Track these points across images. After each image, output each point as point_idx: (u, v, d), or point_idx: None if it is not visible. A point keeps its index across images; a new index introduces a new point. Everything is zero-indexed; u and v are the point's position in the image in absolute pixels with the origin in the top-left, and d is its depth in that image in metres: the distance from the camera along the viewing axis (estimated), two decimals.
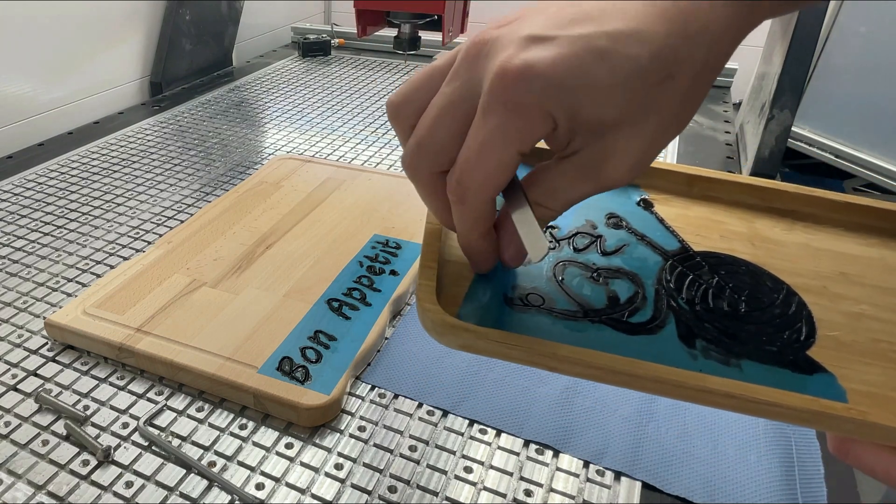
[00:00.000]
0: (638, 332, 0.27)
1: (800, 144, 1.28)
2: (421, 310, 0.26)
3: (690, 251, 0.31)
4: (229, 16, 1.18)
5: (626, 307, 0.28)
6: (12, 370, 0.47)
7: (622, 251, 0.31)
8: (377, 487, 0.39)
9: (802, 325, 0.27)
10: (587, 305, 0.28)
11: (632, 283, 0.29)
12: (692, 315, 0.28)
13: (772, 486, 0.38)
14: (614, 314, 0.28)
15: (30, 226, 0.66)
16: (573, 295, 0.29)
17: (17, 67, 0.86)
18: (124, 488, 0.38)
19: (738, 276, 0.30)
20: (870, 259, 0.31)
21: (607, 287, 0.29)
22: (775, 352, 0.26)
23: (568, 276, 0.30)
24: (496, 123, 0.22)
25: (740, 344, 0.26)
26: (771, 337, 0.27)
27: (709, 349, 0.26)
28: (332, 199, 0.67)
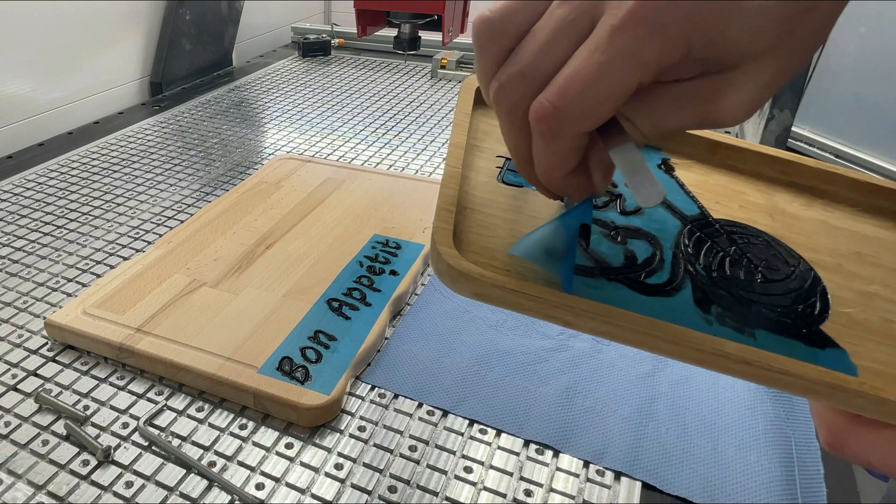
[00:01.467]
0: (654, 293, 0.26)
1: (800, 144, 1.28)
2: (435, 253, 0.24)
3: (709, 218, 0.30)
4: (229, 16, 1.18)
5: (643, 268, 0.28)
6: (12, 370, 0.47)
7: (641, 212, 0.30)
8: (377, 487, 0.39)
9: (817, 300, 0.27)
10: (604, 263, 0.27)
11: (650, 245, 0.29)
12: (709, 281, 0.27)
13: (772, 486, 0.38)
14: (631, 273, 0.27)
15: (30, 226, 0.66)
16: (591, 251, 0.28)
17: (17, 67, 0.86)
18: (124, 488, 0.38)
19: (756, 246, 0.29)
20: (884, 241, 0.31)
21: (625, 247, 0.28)
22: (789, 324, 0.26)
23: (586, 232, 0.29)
24: (627, 44, 0.20)
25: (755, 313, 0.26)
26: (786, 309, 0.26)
27: (724, 316, 0.26)
28: (332, 199, 0.67)
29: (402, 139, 0.88)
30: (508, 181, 0.31)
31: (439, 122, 0.94)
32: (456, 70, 1.12)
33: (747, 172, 0.33)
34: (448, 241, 0.25)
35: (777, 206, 0.32)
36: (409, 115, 0.96)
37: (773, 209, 0.32)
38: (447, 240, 0.25)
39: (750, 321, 0.26)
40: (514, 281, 0.24)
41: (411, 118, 0.95)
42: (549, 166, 0.23)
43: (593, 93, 0.20)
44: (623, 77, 0.20)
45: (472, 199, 0.29)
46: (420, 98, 1.04)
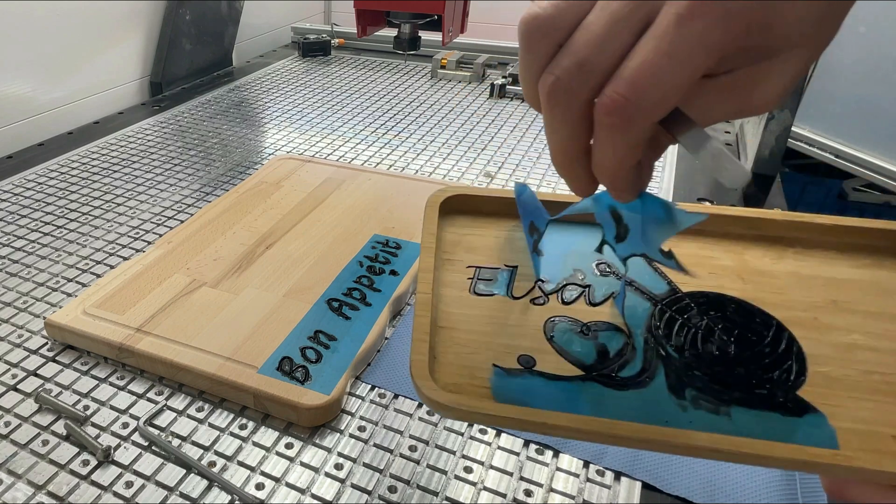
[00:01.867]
0: (627, 387, 0.27)
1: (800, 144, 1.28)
2: (416, 386, 0.26)
3: (679, 292, 0.31)
4: (229, 16, 1.18)
5: (615, 361, 0.29)
6: (12, 370, 0.47)
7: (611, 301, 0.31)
8: (377, 487, 0.39)
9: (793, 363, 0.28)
10: (577, 362, 0.29)
11: (621, 334, 0.30)
12: (681, 363, 0.28)
13: (772, 486, 0.38)
14: (604, 370, 0.28)
15: (30, 226, 0.66)
16: (563, 352, 0.29)
17: (17, 67, 0.86)
18: (124, 488, 0.38)
19: (727, 315, 0.30)
20: (861, 283, 0.31)
21: (596, 341, 0.30)
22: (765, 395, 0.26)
23: (558, 332, 0.30)
24: (695, 31, 0.20)
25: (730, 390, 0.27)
26: (761, 379, 0.27)
27: (699, 399, 0.26)
28: (332, 199, 0.67)
29: (402, 139, 0.88)
30: (480, 292, 0.32)
31: (439, 122, 0.94)
32: (456, 70, 1.12)
33: (716, 234, 0.34)
34: (424, 373, 0.27)
35: (748, 266, 0.32)
36: (409, 115, 0.96)
37: (744, 269, 0.32)
38: (424, 373, 0.27)
39: (725, 399, 0.26)
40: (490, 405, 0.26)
41: (411, 118, 0.95)
42: (618, 159, 0.23)
43: (664, 82, 0.20)
44: (693, 64, 0.20)
45: (447, 318, 0.31)
46: (420, 98, 1.04)
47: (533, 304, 0.32)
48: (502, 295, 0.32)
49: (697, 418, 0.26)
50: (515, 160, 0.81)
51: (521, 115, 0.96)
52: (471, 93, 1.06)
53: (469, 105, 1.00)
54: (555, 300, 0.32)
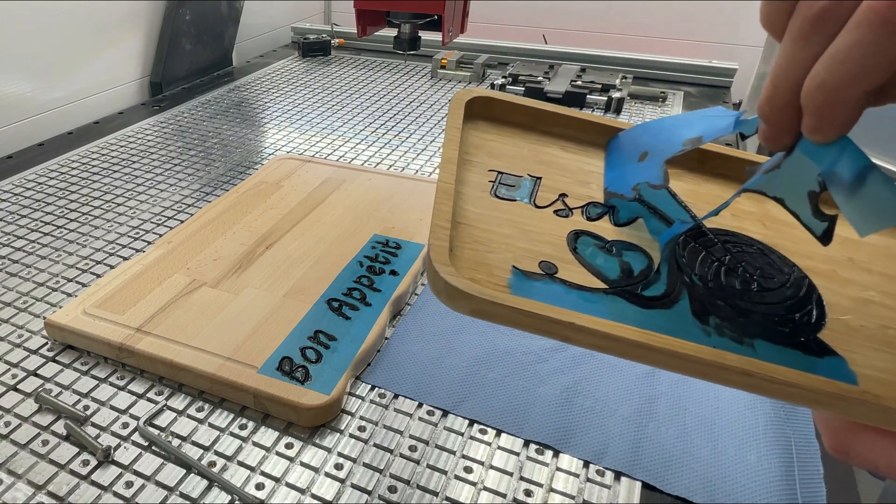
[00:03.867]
0: (652, 306, 0.26)
1: None
2: (432, 272, 0.25)
3: (703, 227, 0.30)
4: (229, 16, 1.18)
5: (639, 280, 0.28)
6: (12, 370, 0.47)
7: (635, 223, 0.30)
8: (377, 487, 0.39)
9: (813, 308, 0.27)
10: (601, 276, 0.27)
11: (644, 256, 0.29)
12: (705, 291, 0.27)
13: (772, 486, 0.38)
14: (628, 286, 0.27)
15: (30, 226, 0.66)
16: (586, 264, 0.28)
17: (17, 67, 0.86)
18: (124, 488, 0.38)
19: (750, 254, 0.29)
20: (876, 247, 0.31)
21: (620, 259, 0.28)
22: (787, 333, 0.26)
23: (581, 245, 0.29)
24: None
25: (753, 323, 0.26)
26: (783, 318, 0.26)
27: (722, 326, 0.26)
28: (332, 199, 0.67)
29: (402, 139, 0.88)
30: (501, 195, 0.31)
31: (439, 122, 0.94)
32: (456, 70, 1.12)
33: (737, 180, 0.33)
34: (444, 258, 0.25)
35: (769, 214, 0.32)
36: (409, 115, 0.96)
37: (765, 216, 0.32)
38: (443, 257, 0.25)
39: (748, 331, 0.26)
40: (512, 297, 0.24)
41: (411, 118, 0.95)
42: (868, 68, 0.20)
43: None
44: None
45: (465, 215, 0.29)
46: (420, 98, 1.04)
47: (556, 214, 0.30)
48: (524, 202, 0.31)
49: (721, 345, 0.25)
50: None
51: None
52: None
53: None
54: (579, 215, 0.31)
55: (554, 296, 0.26)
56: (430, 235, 0.26)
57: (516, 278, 0.27)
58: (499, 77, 1.06)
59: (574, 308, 0.24)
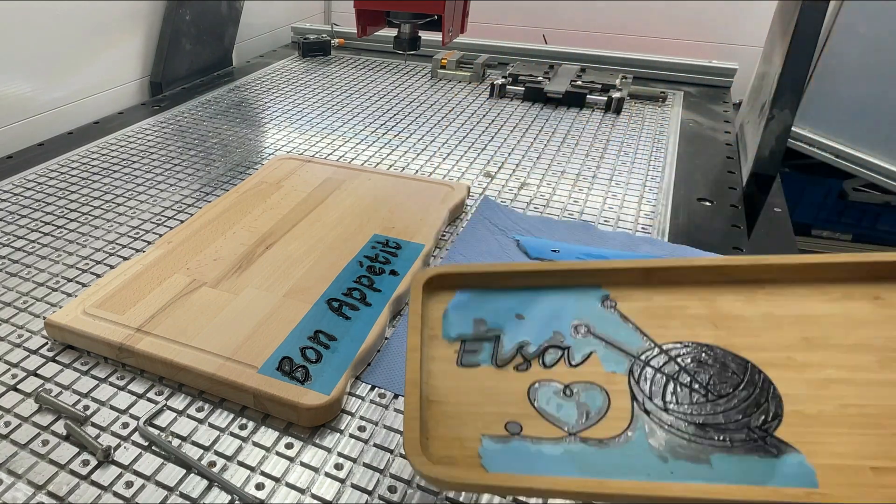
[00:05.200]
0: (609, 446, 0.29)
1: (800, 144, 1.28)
2: (410, 463, 0.28)
3: (654, 346, 0.32)
4: (229, 16, 1.18)
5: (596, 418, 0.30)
6: (12, 370, 0.47)
7: (590, 359, 0.33)
8: (377, 487, 0.39)
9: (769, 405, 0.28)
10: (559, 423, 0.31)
11: (601, 392, 0.31)
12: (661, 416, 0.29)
13: None
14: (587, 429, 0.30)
15: (30, 226, 0.66)
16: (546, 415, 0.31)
17: (17, 67, 0.86)
18: (124, 488, 0.38)
19: (703, 364, 0.31)
20: (833, 316, 0.31)
21: (578, 401, 0.31)
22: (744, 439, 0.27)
23: (541, 397, 0.32)
24: None
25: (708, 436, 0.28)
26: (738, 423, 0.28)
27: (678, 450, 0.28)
28: (332, 199, 0.67)
29: (402, 139, 0.88)
30: (466, 363, 0.34)
31: (439, 122, 0.94)
32: (456, 70, 1.12)
33: (687, 283, 0.34)
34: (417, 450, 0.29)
35: (720, 312, 0.33)
36: (409, 115, 0.96)
37: (717, 316, 0.33)
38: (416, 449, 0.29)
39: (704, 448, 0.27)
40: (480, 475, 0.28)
41: (411, 118, 0.95)
42: None
43: None
44: None
45: (437, 392, 0.33)
46: (420, 98, 1.04)
47: (517, 370, 0.33)
48: (487, 365, 0.34)
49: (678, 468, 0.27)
50: (515, 160, 0.81)
51: (521, 115, 0.96)
52: (471, 93, 1.06)
53: (469, 105, 1.00)
54: (536, 364, 0.33)
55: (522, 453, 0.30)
56: (404, 426, 0.30)
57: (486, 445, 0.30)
58: (499, 77, 1.06)
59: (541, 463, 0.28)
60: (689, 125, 0.95)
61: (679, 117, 0.97)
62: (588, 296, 0.35)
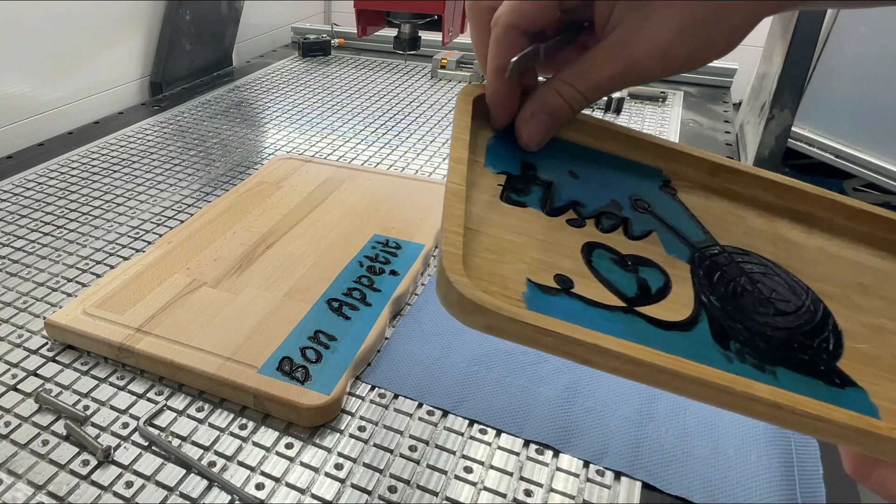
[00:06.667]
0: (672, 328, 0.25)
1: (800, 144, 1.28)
2: (444, 282, 0.22)
3: (717, 244, 0.30)
4: (229, 16, 1.18)
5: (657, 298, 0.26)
6: (12, 370, 0.47)
7: (649, 237, 0.29)
8: (377, 487, 0.39)
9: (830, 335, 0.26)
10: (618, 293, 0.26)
11: (660, 273, 0.28)
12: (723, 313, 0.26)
13: (771, 486, 0.38)
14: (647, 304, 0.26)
15: (30, 226, 0.66)
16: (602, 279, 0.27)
17: (17, 67, 0.86)
18: (124, 488, 0.38)
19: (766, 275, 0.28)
20: (885, 272, 0.30)
21: (637, 275, 0.27)
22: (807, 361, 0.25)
23: (596, 258, 0.27)
24: None
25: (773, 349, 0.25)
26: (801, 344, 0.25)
27: (743, 352, 0.25)
28: (332, 199, 0.67)
29: (402, 139, 0.88)
30: (511, 200, 0.29)
31: (439, 122, 0.94)
32: (456, 70, 1.12)
33: (746, 197, 0.32)
34: (459, 267, 0.23)
35: (779, 233, 0.31)
36: (409, 115, 0.96)
37: (776, 236, 0.31)
38: (457, 266, 0.23)
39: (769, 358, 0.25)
40: (532, 314, 0.22)
41: (411, 118, 0.95)
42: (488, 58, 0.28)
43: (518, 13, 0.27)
44: None
45: (476, 220, 0.27)
46: (420, 98, 1.04)
47: (568, 224, 0.29)
48: (536, 209, 0.29)
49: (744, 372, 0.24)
50: None
51: None
52: None
53: None
54: (592, 225, 0.29)
55: (571, 313, 0.25)
56: (442, 241, 0.24)
57: (532, 292, 0.25)
58: None
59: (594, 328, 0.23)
60: (689, 125, 0.95)
61: (679, 117, 0.97)
62: (648, 175, 0.32)
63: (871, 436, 0.21)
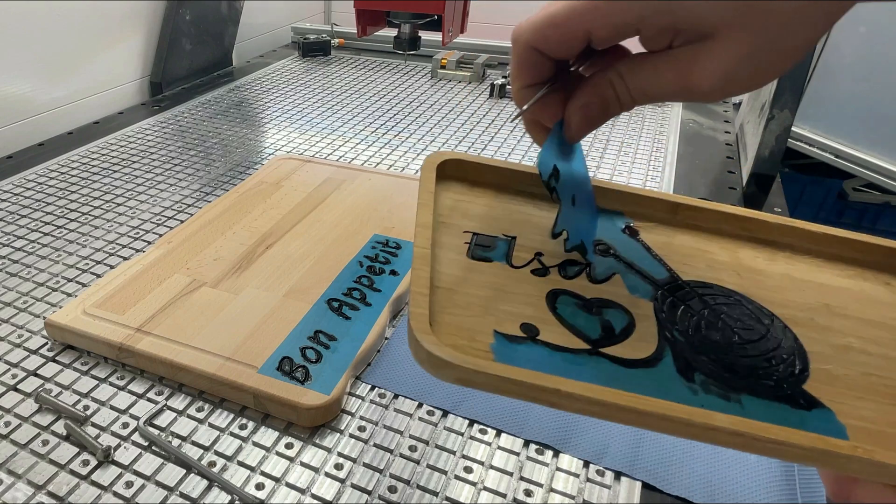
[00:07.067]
0: (636, 366, 0.26)
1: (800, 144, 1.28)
2: (414, 341, 0.24)
3: (679, 280, 0.31)
4: (229, 16, 1.18)
5: (621, 338, 0.27)
6: (12, 370, 0.47)
7: (612, 280, 0.31)
8: (377, 487, 0.39)
9: (795, 358, 0.27)
10: (583, 336, 0.27)
11: (624, 314, 0.29)
12: (688, 347, 0.27)
13: (771, 486, 0.38)
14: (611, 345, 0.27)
15: (30, 226, 0.66)
16: (567, 325, 0.28)
17: (17, 67, 0.86)
18: (124, 488, 0.38)
19: (729, 306, 0.29)
20: (850, 291, 0.31)
21: (601, 317, 0.28)
22: (772, 386, 0.26)
23: (560, 304, 0.29)
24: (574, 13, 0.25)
25: (738, 377, 0.26)
26: (766, 371, 0.26)
27: (708, 383, 0.25)
28: (332, 199, 0.67)
29: (402, 139, 0.88)
30: (478, 256, 0.31)
31: (439, 122, 0.94)
32: (456, 70, 1.12)
33: (709, 230, 0.34)
34: (426, 326, 0.24)
35: (742, 263, 0.32)
36: (409, 115, 0.96)
37: (739, 266, 0.32)
38: (424, 326, 0.24)
39: (734, 387, 0.25)
40: (497, 365, 0.24)
41: (411, 118, 0.95)
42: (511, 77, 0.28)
43: None
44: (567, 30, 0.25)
45: (444, 279, 0.29)
46: (420, 98, 1.04)
47: (533, 274, 0.30)
48: (501, 263, 0.31)
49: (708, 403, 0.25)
50: (515, 160, 0.81)
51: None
52: (471, 93, 1.06)
53: (469, 105, 1.00)
54: (556, 273, 0.30)
55: (538, 359, 0.26)
56: (410, 303, 0.26)
57: (499, 343, 0.26)
58: (499, 77, 1.06)
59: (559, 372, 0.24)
60: (689, 125, 0.95)
61: (679, 117, 0.97)
62: (610, 219, 0.34)
63: (835, 456, 0.22)
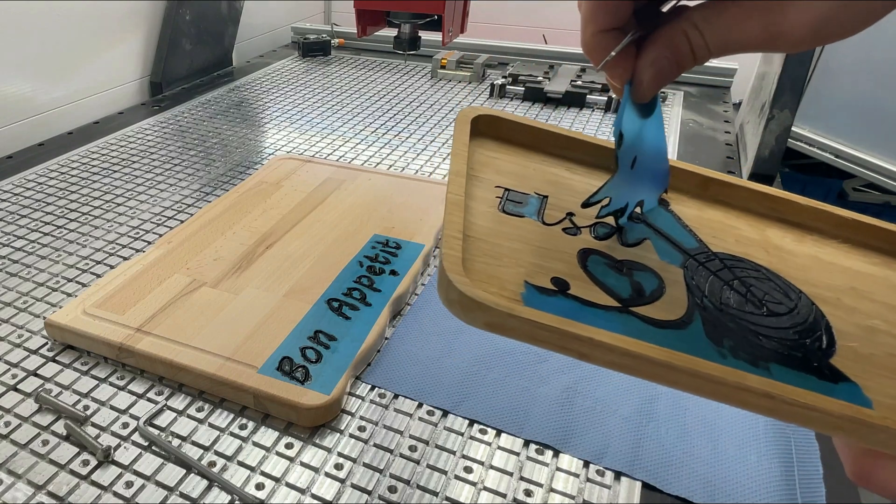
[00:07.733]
0: (667, 327, 0.26)
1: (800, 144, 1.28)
2: (445, 282, 0.24)
3: (709, 251, 0.31)
4: (229, 16, 1.18)
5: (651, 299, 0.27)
6: (12, 370, 0.47)
7: (642, 245, 0.30)
8: (377, 487, 0.39)
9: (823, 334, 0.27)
10: (614, 294, 0.27)
11: (655, 277, 0.29)
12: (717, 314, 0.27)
13: (771, 486, 0.38)
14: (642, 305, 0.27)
15: (30, 226, 0.66)
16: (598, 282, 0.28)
17: (17, 67, 0.86)
18: (124, 488, 0.38)
19: (757, 279, 0.29)
20: (876, 277, 0.31)
21: (631, 278, 0.28)
22: (800, 357, 0.26)
23: (591, 263, 0.29)
24: None
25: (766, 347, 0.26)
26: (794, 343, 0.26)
27: (737, 349, 0.25)
28: (332, 199, 0.67)
29: (402, 139, 0.88)
30: (509, 211, 0.31)
31: (439, 122, 0.94)
32: (456, 70, 1.12)
33: (738, 207, 0.34)
34: (458, 268, 0.24)
35: (770, 241, 0.32)
36: (409, 115, 0.96)
37: (767, 244, 0.32)
38: (457, 267, 0.24)
39: (762, 355, 0.25)
40: (529, 310, 0.23)
41: (411, 118, 0.95)
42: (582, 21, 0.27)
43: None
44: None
45: (475, 228, 0.29)
46: (420, 98, 1.04)
47: (564, 232, 0.30)
48: (532, 219, 0.31)
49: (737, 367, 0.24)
50: None
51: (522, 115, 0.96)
52: (471, 93, 1.06)
53: (469, 105, 1.00)
54: (587, 234, 0.30)
55: (568, 312, 0.25)
56: (443, 245, 0.26)
57: (529, 293, 0.26)
58: (499, 77, 1.06)
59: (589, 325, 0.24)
60: (689, 125, 0.95)
61: (679, 117, 0.97)
62: None
63: (864, 424, 0.21)
